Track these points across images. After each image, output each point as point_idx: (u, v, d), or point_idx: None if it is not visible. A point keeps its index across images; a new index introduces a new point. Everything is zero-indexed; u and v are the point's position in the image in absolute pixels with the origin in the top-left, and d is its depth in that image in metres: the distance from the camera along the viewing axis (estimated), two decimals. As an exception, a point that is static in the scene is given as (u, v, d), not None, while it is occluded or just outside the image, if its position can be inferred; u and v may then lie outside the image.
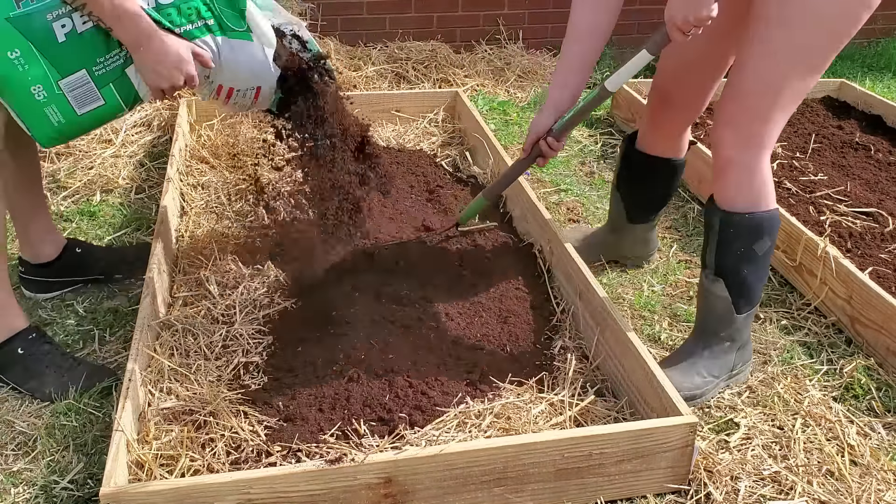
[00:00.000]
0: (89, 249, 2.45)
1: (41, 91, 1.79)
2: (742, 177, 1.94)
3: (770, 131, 1.90)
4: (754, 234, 1.97)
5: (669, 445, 1.73)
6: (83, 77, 1.83)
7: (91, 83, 1.84)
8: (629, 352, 1.97)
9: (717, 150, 1.96)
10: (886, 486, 1.82)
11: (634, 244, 2.59)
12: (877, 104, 3.71)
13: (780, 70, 1.83)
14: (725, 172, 1.96)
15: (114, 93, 1.88)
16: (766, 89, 1.85)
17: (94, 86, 1.85)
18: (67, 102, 1.83)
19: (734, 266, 2.00)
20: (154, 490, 1.53)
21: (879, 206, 2.88)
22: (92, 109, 1.87)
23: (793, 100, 1.88)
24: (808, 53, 1.82)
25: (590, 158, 3.45)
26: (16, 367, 2.01)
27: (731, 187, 1.96)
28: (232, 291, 2.27)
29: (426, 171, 3.02)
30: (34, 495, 1.75)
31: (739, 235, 1.97)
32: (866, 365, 2.20)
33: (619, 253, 2.62)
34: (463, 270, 2.38)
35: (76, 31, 1.80)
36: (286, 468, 1.59)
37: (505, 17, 4.59)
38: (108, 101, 1.88)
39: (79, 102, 1.84)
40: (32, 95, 1.79)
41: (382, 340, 2.02)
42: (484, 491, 1.67)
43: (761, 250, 1.99)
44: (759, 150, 1.92)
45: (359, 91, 3.77)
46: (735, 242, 1.98)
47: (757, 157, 1.93)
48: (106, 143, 3.25)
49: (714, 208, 2.00)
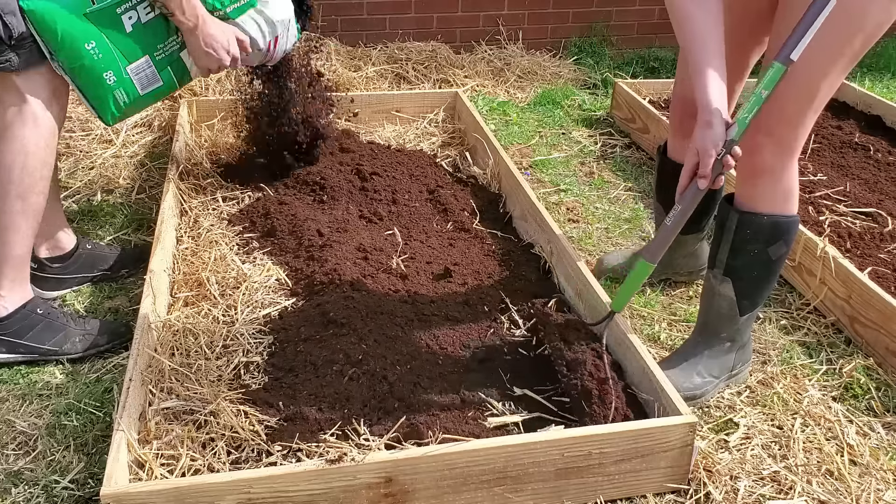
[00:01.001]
0: (97, 245, 2.50)
1: (111, 76, 2.07)
2: (772, 182, 1.89)
3: (804, 135, 1.86)
4: (772, 237, 1.93)
5: (669, 445, 1.73)
6: (146, 62, 2.12)
7: (153, 67, 2.14)
8: (629, 352, 1.97)
9: (751, 157, 1.88)
10: (886, 486, 1.83)
11: (686, 258, 2.46)
12: (876, 104, 3.71)
13: (820, 73, 1.77)
14: (757, 177, 1.90)
15: (171, 74, 2.20)
16: (805, 94, 1.79)
17: (155, 69, 2.15)
18: (133, 85, 2.12)
19: (745, 268, 1.97)
20: (155, 490, 1.53)
21: (879, 206, 2.88)
22: (152, 90, 2.18)
23: (826, 100, 1.84)
24: (844, 53, 1.76)
25: (590, 158, 3.45)
26: (38, 327, 2.07)
27: (758, 190, 1.91)
28: (233, 291, 2.28)
29: (426, 171, 3.02)
30: (35, 495, 1.75)
31: (756, 238, 1.93)
32: (865, 365, 2.20)
33: (671, 268, 2.49)
34: (462, 270, 2.38)
35: (140, 22, 2.09)
36: (286, 468, 1.59)
37: (505, 18, 4.59)
38: (166, 81, 2.20)
39: (142, 84, 2.14)
40: (105, 80, 2.06)
41: (383, 342, 2.02)
42: (484, 490, 1.67)
43: (776, 255, 1.95)
44: (792, 154, 1.87)
45: (359, 91, 3.78)
46: (750, 244, 1.94)
47: (789, 161, 1.88)
48: (106, 144, 3.26)
49: (731, 208, 1.95)
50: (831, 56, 1.77)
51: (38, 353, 2.08)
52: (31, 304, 2.10)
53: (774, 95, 1.77)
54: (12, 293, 2.07)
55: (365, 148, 3.14)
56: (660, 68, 4.44)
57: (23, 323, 2.07)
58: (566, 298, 2.31)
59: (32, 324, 2.07)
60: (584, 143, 3.60)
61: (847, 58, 1.78)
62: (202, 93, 3.47)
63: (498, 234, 2.63)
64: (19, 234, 2.03)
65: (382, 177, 2.89)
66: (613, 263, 2.51)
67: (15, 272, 2.06)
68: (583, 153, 3.50)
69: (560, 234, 2.38)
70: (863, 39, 1.76)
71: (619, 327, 2.01)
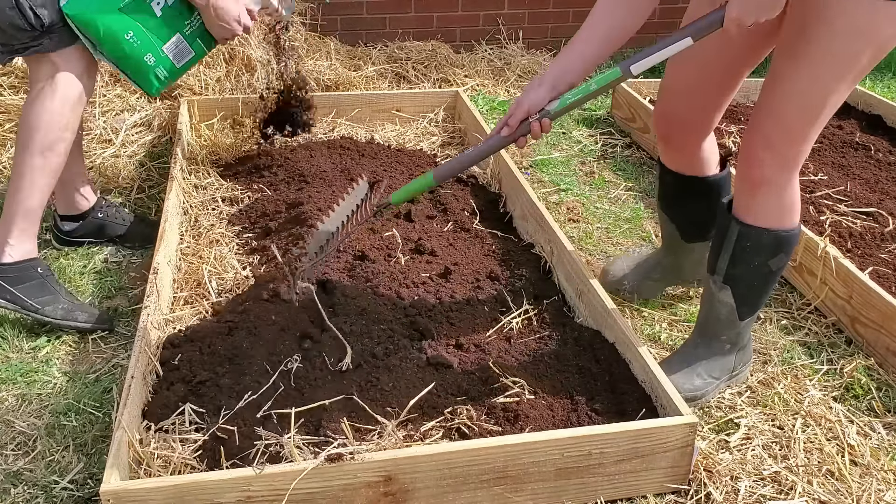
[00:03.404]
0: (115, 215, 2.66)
1: (151, 58, 2.28)
2: (772, 196, 1.87)
3: (807, 150, 1.83)
4: (773, 250, 1.91)
5: (669, 445, 1.73)
6: (179, 39, 2.33)
7: (185, 42, 2.35)
8: (629, 352, 1.97)
9: (750, 170, 1.86)
10: (886, 486, 1.82)
11: (696, 266, 2.38)
12: (877, 104, 3.71)
13: (825, 89, 1.74)
14: (757, 191, 1.87)
15: (200, 45, 2.40)
16: (807, 110, 1.76)
17: (186, 43, 2.35)
18: (169, 60, 2.33)
19: (745, 277, 1.95)
20: (154, 487, 1.53)
21: (879, 206, 2.88)
22: (187, 61, 2.38)
23: (830, 115, 1.80)
24: (850, 68, 1.73)
25: (590, 158, 3.45)
26: (32, 282, 2.20)
27: (758, 206, 1.88)
28: (233, 291, 2.28)
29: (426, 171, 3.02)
30: (34, 495, 1.75)
31: (757, 251, 1.91)
32: (866, 365, 2.20)
33: (681, 276, 2.44)
34: (462, 270, 2.38)
35: (167, 4, 2.28)
36: (286, 466, 1.59)
37: (505, 17, 4.59)
38: (197, 51, 2.40)
39: (177, 59, 2.35)
40: (145, 62, 2.28)
41: (382, 342, 2.02)
42: (483, 490, 1.67)
43: (776, 266, 1.94)
44: (794, 169, 1.85)
45: (359, 91, 3.78)
46: (751, 256, 1.92)
47: (792, 175, 1.85)
48: (106, 143, 3.25)
49: (732, 217, 1.93)
50: (838, 73, 1.73)
51: (21, 305, 2.18)
52: (34, 261, 2.24)
53: (776, 110, 1.77)
54: (20, 243, 2.21)
55: (365, 148, 3.14)
56: (660, 68, 4.43)
57: (20, 274, 2.19)
58: (566, 298, 2.31)
59: (28, 278, 2.20)
60: (584, 142, 3.60)
61: (854, 73, 1.74)
62: (202, 93, 3.46)
63: (498, 234, 2.63)
64: (35, 188, 2.20)
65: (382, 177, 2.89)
66: (619, 275, 2.44)
67: (26, 223, 2.21)
68: (583, 153, 3.50)
69: (560, 234, 2.38)
70: (872, 54, 1.72)
71: (620, 327, 2.01)
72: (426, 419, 1.83)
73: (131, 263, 2.57)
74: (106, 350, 2.19)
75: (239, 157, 3.11)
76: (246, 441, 1.73)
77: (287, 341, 1.99)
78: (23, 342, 2.19)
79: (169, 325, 2.11)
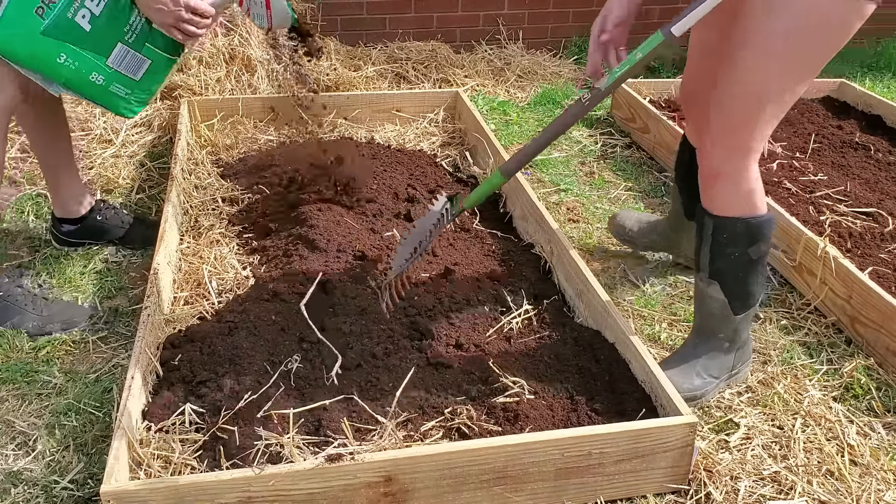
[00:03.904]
0: (114, 217, 2.64)
1: (98, 77, 2.06)
2: (729, 186, 1.90)
3: (755, 139, 1.85)
4: (748, 239, 1.94)
5: (669, 445, 1.73)
6: (122, 50, 2.07)
7: (131, 51, 2.09)
8: (629, 352, 1.97)
9: (701, 161, 1.94)
10: (886, 486, 1.83)
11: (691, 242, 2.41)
12: (876, 104, 3.71)
13: (765, 80, 1.77)
14: (712, 182, 1.93)
15: (153, 49, 2.12)
16: (750, 100, 1.79)
17: (133, 52, 2.09)
18: (123, 75, 2.09)
19: (729, 269, 1.98)
20: (155, 488, 1.53)
21: (879, 206, 2.88)
22: (146, 71, 2.13)
23: (779, 109, 1.82)
24: (795, 63, 1.75)
25: (590, 158, 3.45)
26: None
27: (719, 196, 1.93)
28: (233, 291, 2.28)
29: (426, 171, 3.02)
30: (34, 495, 1.75)
31: (732, 241, 1.95)
32: (866, 365, 2.20)
33: (678, 250, 2.57)
34: (462, 270, 2.38)
35: (95, 15, 2.01)
36: (285, 466, 1.59)
37: (505, 17, 4.59)
38: (153, 57, 2.13)
39: (131, 71, 2.10)
40: (94, 83, 2.06)
41: (382, 342, 2.02)
42: (483, 490, 1.67)
43: (756, 254, 1.97)
44: (744, 158, 1.87)
45: (359, 91, 3.78)
46: (728, 247, 1.95)
47: (743, 164, 1.88)
48: (106, 143, 3.25)
49: (706, 212, 1.97)
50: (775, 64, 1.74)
51: None
52: None
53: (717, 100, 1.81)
54: None
55: (365, 148, 3.14)
56: (660, 68, 4.44)
57: None
58: (566, 298, 2.31)
59: None
60: (584, 142, 3.60)
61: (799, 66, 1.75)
62: (202, 93, 3.46)
63: (498, 234, 2.63)
64: None
65: (383, 178, 2.89)
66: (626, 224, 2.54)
67: None
68: (583, 153, 3.50)
69: (560, 234, 2.38)
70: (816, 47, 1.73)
71: (620, 327, 2.01)
72: (426, 419, 1.83)
73: (131, 264, 2.57)
74: (106, 350, 2.19)
75: (239, 157, 3.11)
76: (246, 441, 1.73)
77: (287, 341, 2.00)
78: (23, 342, 2.19)
79: (169, 325, 2.11)
